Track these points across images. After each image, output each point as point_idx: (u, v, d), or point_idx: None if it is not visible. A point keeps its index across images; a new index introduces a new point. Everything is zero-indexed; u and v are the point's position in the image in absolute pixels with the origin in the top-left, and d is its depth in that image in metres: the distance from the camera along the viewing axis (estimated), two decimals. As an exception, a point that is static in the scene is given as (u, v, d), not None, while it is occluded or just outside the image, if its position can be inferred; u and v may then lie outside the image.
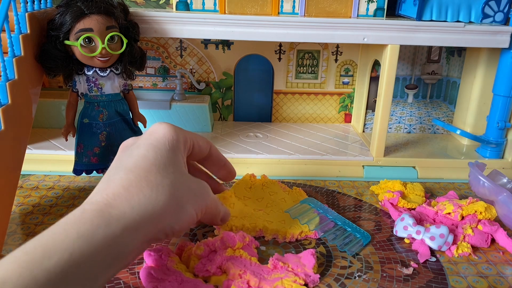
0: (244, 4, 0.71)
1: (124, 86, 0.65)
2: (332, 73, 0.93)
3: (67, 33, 0.58)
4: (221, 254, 0.48)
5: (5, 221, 0.52)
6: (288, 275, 0.46)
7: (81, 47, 0.57)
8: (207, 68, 0.91)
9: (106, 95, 0.63)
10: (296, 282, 0.45)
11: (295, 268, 0.48)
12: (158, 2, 0.85)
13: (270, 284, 0.45)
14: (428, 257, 0.53)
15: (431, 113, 0.94)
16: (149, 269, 0.46)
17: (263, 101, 0.95)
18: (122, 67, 0.63)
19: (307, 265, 0.48)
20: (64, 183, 0.70)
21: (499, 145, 0.79)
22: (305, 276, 0.47)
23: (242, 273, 0.46)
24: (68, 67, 0.60)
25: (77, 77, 0.62)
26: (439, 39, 0.71)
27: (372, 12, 0.73)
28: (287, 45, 0.90)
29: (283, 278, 0.46)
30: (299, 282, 0.45)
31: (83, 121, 0.63)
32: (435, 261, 0.53)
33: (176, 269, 0.46)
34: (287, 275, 0.46)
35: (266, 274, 0.47)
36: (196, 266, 0.47)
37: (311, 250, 0.50)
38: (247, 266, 0.47)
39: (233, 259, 0.48)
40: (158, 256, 0.48)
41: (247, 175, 0.69)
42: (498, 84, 0.77)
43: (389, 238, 0.57)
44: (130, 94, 0.66)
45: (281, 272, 0.47)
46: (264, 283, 0.45)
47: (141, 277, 0.46)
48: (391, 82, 0.73)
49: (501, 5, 0.73)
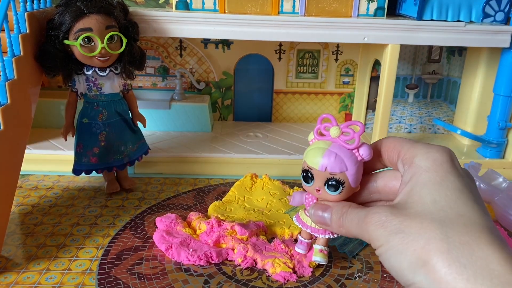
0: (244, 4, 0.71)
1: (123, 86, 0.65)
2: (332, 72, 0.92)
3: (66, 33, 0.57)
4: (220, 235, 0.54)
5: (5, 221, 0.52)
6: (282, 256, 0.50)
7: (80, 47, 0.57)
8: (207, 67, 0.91)
9: (105, 95, 0.62)
10: (286, 265, 0.49)
11: (295, 254, 0.51)
12: (158, 2, 0.85)
13: (263, 258, 0.50)
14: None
15: (431, 113, 0.94)
16: (161, 233, 0.54)
17: (263, 101, 0.94)
18: (122, 67, 0.62)
19: (307, 257, 0.50)
20: (63, 183, 0.70)
21: (499, 145, 0.79)
22: (297, 264, 0.50)
23: (245, 243, 0.52)
24: (68, 66, 0.60)
25: (77, 77, 0.62)
26: (440, 38, 0.71)
27: (372, 11, 0.73)
28: (287, 44, 0.90)
29: (276, 257, 0.50)
30: (288, 265, 0.49)
31: (83, 121, 0.63)
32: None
33: (185, 232, 0.55)
34: (281, 255, 0.50)
35: (266, 250, 0.52)
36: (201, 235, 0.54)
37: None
38: (253, 240, 0.53)
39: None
40: (169, 222, 0.56)
41: (249, 174, 0.69)
42: (498, 84, 0.76)
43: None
44: (129, 94, 0.66)
45: (279, 252, 0.51)
46: (258, 255, 0.51)
47: (155, 239, 0.54)
48: (391, 81, 0.73)
49: (501, 5, 0.73)
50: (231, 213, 0.60)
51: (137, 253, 0.53)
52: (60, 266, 0.50)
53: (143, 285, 0.47)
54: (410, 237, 0.26)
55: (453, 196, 0.27)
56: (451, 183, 0.27)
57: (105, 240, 0.55)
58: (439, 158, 0.28)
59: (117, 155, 0.65)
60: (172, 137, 0.84)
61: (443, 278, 0.24)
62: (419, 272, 0.25)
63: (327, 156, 0.32)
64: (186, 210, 0.63)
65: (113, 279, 0.48)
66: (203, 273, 0.50)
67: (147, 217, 0.61)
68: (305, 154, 0.33)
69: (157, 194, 0.68)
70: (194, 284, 0.48)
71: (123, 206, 0.64)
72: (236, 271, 0.50)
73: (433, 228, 0.26)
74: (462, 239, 0.25)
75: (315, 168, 0.32)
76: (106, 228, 0.58)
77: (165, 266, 0.50)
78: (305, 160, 0.33)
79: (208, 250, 0.51)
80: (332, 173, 0.32)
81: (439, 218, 0.26)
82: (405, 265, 0.26)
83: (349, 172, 0.31)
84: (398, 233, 0.26)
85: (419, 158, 0.29)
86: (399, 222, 0.27)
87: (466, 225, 0.25)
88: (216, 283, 0.48)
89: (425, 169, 0.28)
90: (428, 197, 0.27)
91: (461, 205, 0.26)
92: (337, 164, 0.31)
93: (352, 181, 0.32)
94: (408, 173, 0.29)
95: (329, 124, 0.33)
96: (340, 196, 0.32)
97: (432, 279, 0.25)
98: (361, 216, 0.29)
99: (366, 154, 0.32)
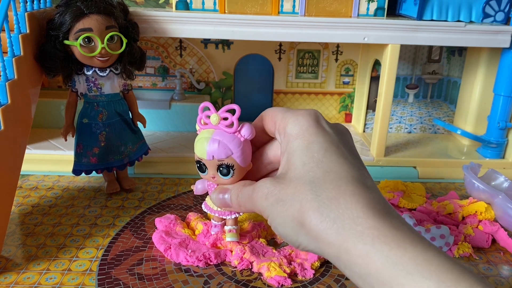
0: (244, 4, 0.71)
1: (123, 86, 0.65)
2: (332, 72, 0.92)
3: (66, 33, 0.57)
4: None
5: (5, 221, 0.52)
6: (278, 260, 0.50)
7: (80, 47, 0.57)
8: (207, 67, 0.90)
9: (105, 95, 0.62)
10: (281, 269, 0.49)
11: (294, 257, 0.51)
12: (158, 2, 0.85)
13: (259, 262, 0.50)
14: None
15: (431, 113, 0.94)
16: (160, 233, 0.54)
17: (263, 101, 0.94)
18: (122, 67, 0.62)
19: (309, 259, 0.50)
20: (63, 183, 0.70)
21: (500, 145, 0.79)
22: (299, 266, 0.50)
23: (244, 245, 0.52)
24: (68, 67, 0.60)
25: (77, 77, 0.61)
26: (440, 38, 0.71)
27: (372, 11, 0.73)
28: (287, 44, 0.90)
29: (272, 261, 0.50)
30: (284, 269, 0.49)
31: (83, 121, 0.62)
32: (435, 262, 0.52)
33: (184, 233, 0.55)
34: (278, 259, 0.50)
35: (263, 254, 0.52)
36: (199, 236, 0.55)
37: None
38: (252, 243, 0.53)
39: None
40: (168, 222, 0.56)
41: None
42: (498, 84, 0.76)
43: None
44: (129, 94, 0.66)
45: (276, 256, 0.51)
46: (255, 258, 0.50)
47: (154, 240, 0.54)
48: (391, 81, 0.73)
49: (502, 5, 0.72)
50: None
51: (137, 254, 0.53)
52: (60, 267, 0.50)
53: (143, 285, 0.47)
54: (287, 204, 0.28)
55: (319, 155, 0.28)
56: (317, 144, 0.29)
57: (105, 240, 0.55)
58: (305, 123, 0.30)
59: (117, 155, 0.65)
60: (172, 137, 0.84)
61: (319, 235, 0.26)
62: (300, 234, 0.28)
63: (211, 144, 0.33)
64: (186, 210, 0.63)
65: (113, 280, 0.48)
66: (203, 273, 0.49)
67: (147, 217, 0.61)
68: (195, 145, 0.35)
69: (157, 194, 0.68)
70: (194, 285, 0.48)
71: (123, 206, 0.64)
72: (236, 271, 0.50)
73: (305, 190, 0.27)
74: (329, 195, 0.27)
75: (204, 158, 0.34)
76: (106, 229, 0.58)
77: (165, 267, 0.50)
78: (195, 151, 0.35)
79: (206, 251, 0.51)
80: (219, 159, 0.33)
81: (309, 179, 0.28)
82: (289, 231, 0.28)
83: (236, 155, 0.33)
84: (279, 201, 0.28)
85: (289, 126, 0.30)
86: (278, 191, 0.29)
87: (332, 180, 0.27)
88: (216, 284, 0.48)
89: (294, 136, 0.30)
90: (298, 161, 0.29)
91: (327, 162, 0.28)
92: (222, 150, 0.33)
93: (241, 162, 0.33)
94: (283, 142, 0.31)
95: (209, 112, 0.34)
96: (234, 179, 0.34)
97: (311, 237, 0.27)
98: (249, 193, 0.31)
99: (248, 134, 0.33)
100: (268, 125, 0.33)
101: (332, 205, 0.26)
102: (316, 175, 0.28)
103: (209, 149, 0.33)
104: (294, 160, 0.29)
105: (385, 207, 0.26)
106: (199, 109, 0.35)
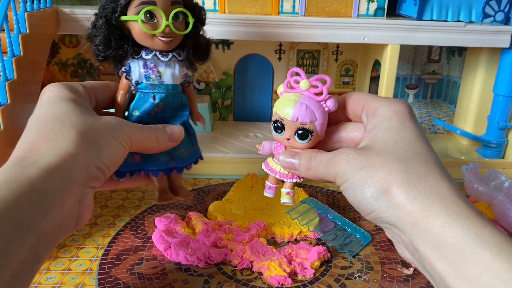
0: (244, 4, 0.71)
1: (184, 78, 0.52)
2: (332, 73, 0.92)
3: (125, 7, 0.46)
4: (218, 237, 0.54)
5: (5, 221, 0.52)
6: (278, 260, 0.50)
7: (142, 23, 0.46)
8: (207, 67, 0.91)
9: (165, 85, 0.50)
10: (282, 268, 0.48)
11: (294, 257, 0.51)
12: (158, 2, 0.85)
13: (258, 261, 0.50)
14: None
15: (431, 113, 0.94)
16: (160, 233, 0.54)
17: (263, 101, 0.94)
18: (186, 53, 0.50)
19: (309, 259, 0.50)
20: (63, 183, 0.70)
21: (499, 145, 0.79)
22: (299, 266, 0.50)
23: (244, 244, 0.52)
24: (123, 48, 0.48)
25: (132, 62, 0.49)
26: (440, 38, 0.71)
27: (372, 11, 0.73)
28: (287, 44, 0.90)
29: (272, 260, 0.49)
30: (284, 269, 0.49)
31: (133, 113, 0.49)
32: (435, 262, 0.52)
33: (184, 232, 0.55)
34: (278, 258, 0.50)
35: (263, 253, 0.52)
36: (198, 235, 0.55)
37: (320, 248, 0.52)
38: (252, 242, 0.53)
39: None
40: (168, 222, 0.56)
41: (249, 174, 0.69)
42: (498, 84, 0.76)
43: (389, 239, 0.57)
44: (189, 88, 0.53)
45: (276, 255, 0.51)
46: (255, 258, 0.51)
47: (154, 239, 0.54)
48: (391, 82, 0.73)
49: (501, 5, 0.73)
50: (232, 213, 0.60)
51: (137, 253, 0.53)
52: (60, 266, 0.50)
53: (143, 285, 0.47)
54: (373, 170, 0.30)
55: (412, 139, 0.32)
56: (410, 129, 0.32)
57: (105, 240, 0.55)
58: (400, 109, 0.33)
59: (163, 157, 0.51)
60: (172, 137, 0.84)
61: (400, 203, 0.29)
62: (380, 200, 0.30)
63: (298, 107, 0.34)
64: (186, 210, 0.63)
65: (113, 279, 0.48)
66: (203, 273, 0.50)
67: (147, 217, 0.61)
68: (276, 105, 0.36)
69: (157, 194, 0.67)
70: (194, 284, 0.48)
71: (123, 206, 0.64)
72: (236, 271, 0.50)
73: (395, 162, 0.30)
74: (419, 172, 0.30)
75: (287, 118, 0.35)
76: (106, 228, 0.58)
77: (165, 266, 0.50)
78: (276, 111, 0.36)
79: (206, 250, 0.51)
80: (302, 123, 0.35)
81: (399, 155, 0.31)
82: (368, 195, 0.30)
83: (318, 122, 0.35)
84: (363, 168, 0.31)
85: (382, 109, 0.33)
86: (364, 159, 0.31)
87: (422, 161, 0.31)
88: (216, 283, 0.48)
89: (387, 118, 0.33)
90: (390, 139, 0.32)
91: (418, 146, 0.31)
92: (308, 114, 0.34)
93: (319, 130, 0.35)
94: (372, 122, 0.33)
95: (299, 78, 0.36)
96: (308, 144, 0.36)
97: (391, 204, 0.30)
98: (329, 157, 0.33)
99: (332, 106, 0.35)
100: (354, 106, 0.36)
101: (421, 180, 0.29)
102: (407, 153, 0.31)
103: (295, 111, 0.34)
104: (385, 138, 0.32)
105: (464, 196, 0.29)
106: (288, 73, 0.36)
